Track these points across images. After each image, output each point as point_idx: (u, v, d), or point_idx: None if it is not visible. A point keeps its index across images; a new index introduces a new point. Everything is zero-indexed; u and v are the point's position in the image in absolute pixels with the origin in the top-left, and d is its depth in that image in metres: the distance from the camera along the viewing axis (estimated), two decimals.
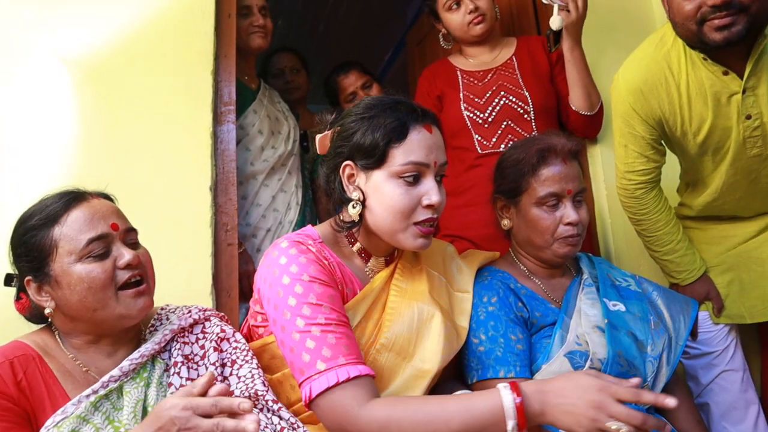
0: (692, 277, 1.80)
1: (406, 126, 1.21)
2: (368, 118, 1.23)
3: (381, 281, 1.30)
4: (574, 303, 1.47)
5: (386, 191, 1.21)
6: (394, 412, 1.04)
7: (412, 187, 1.22)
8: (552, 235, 1.46)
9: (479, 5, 2.03)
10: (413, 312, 1.28)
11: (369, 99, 1.30)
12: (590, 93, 2.01)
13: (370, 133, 1.21)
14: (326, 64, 4.71)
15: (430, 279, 1.36)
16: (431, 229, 1.25)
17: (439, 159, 1.25)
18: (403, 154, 1.20)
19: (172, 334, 1.20)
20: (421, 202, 1.22)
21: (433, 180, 1.24)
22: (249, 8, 2.18)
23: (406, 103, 1.26)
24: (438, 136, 1.27)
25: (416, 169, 1.21)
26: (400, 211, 1.21)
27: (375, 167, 1.22)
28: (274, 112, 2.23)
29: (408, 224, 1.23)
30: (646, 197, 1.76)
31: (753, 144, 1.58)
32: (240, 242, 1.92)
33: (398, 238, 1.25)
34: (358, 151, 1.23)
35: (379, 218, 1.23)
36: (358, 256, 1.33)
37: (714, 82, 1.54)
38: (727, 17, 1.37)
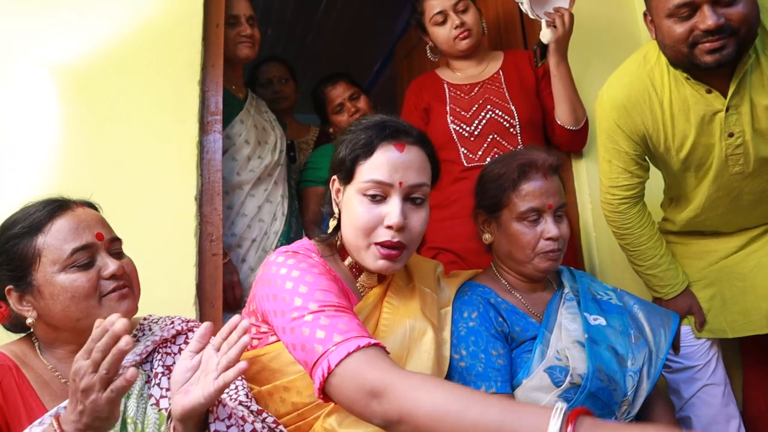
0: (675, 292, 1.81)
1: (373, 143, 1.22)
2: (349, 134, 1.27)
3: (374, 298, 1.31)
4: (554, 318, 1.47)
5: (351, 207, 1.23)
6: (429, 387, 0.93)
7: (376, 205, 1.21)
8: (533, 250, 1.46)
9: (465, 21, 2.05)
10: (405, 329, 1.28)
11: (355, 123, 1.32)
12: (576, 108, 2.03)
13: (344, 148, 1.25)
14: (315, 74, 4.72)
15: (422, 297, 1.37)
16: (394, 252, 1.22)
17: (407, 179, 1.22)
18: (367, 171, 1.21)
19: (154, 345, 1.18)
20: (383, 222, 1.21)
21: (399, 200, 1.21)
22: (237, 18, 2.17)
23: (386, 122, 1.26)
24: (413, 156, 1.24)
25: (378, 187, 1.21)
26: (360, 227, 1.21)
27: (346, 183, 1.25)
28: (261, 122, 2.23)
29: (369, 243, 1.22)
30: (629, 212, 1.77)
31: (735, 161, 1.60)
32: (225, 252, 1.92)
33: (361, 257, 1.25)
34: (337, 167, 1.28)
35: (347, 233, 1.25)
36: (350, 271, 1.33)
37: (697, 100, 1.56)
38: (718, 41, 1.39)
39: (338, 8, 4.58)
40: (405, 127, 1.27)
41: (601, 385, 1.35)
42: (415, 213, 1.24)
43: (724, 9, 1.37)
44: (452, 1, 2.05)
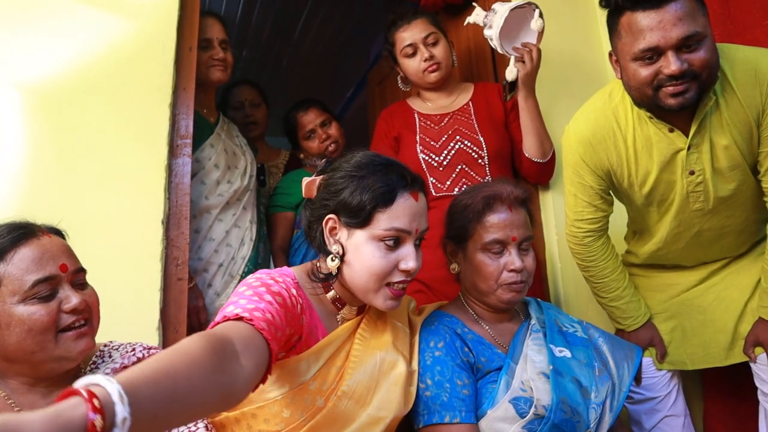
0: (637, 324, 1.84)
1: (395, 192, 1.24)
2: (358, 178, 1.26)
3: (347, 330, 1.32)
4: (521, 349, 1.48)
5: (366, 252, 1.24)
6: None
7: (391, 251, 1.25)
8: (496, 281, 1.48)
9: (435, 54, 2.08)
10: (375, 360, 1.30)
11: (360, 156, 1.31)
12: (543, 141, 2.06)
13: (359, 193, 1.24)
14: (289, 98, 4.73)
15: (394, 330, 1.39)
16: (403, 291, 1.29)
17: (421, 226, 1.29)
18: (387, 219, 1.24)
19: (114, 373, 1.14)
20: (398, 266, 1.26)
21: (413, 245, 1.27)
22: (209, 41, 2.18)
23: (397, 167, 1.29)
24: (423, 203, 1.31)
25: (398, 234, 1.25)
26: (376, 273, 1.24)
27: (358, 227, 1.25)
28: (231, 147, 2.22)
29: (381, 285, 1.26)
30: (594, 245, 1.80)
31: (696, 198, 1.64)
32: (191, 276, 1.90)
33: (370, 297, 1.28)
34: (344, 208, 1.26)
35: (356, 276, 1.26)
36: (332, 304, 1.34)
37: (660, 138, 1.60)
38: (681, 85, 1.43)
39: (313, 33, 4.61)
40: (416, 176, 1.31)
41: (564, 417, 1.36)
42: (419, 255, 1.31)
43: (687, 55, 1.42)
44: (422, 34, 2.09)
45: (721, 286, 1.80)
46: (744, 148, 1.57)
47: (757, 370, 1.70)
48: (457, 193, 1.86)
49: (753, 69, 1.52)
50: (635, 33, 1.45)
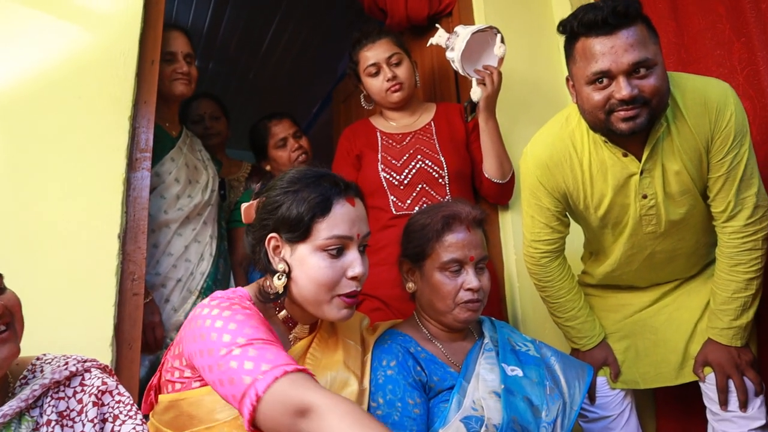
0: (592, 343, 1.86)
1: (330, 200, 1.25)
2: (293, 192, 1.26)
3: (299, 350, 1.32)
4: (473, 367, 1.49)
5: (311, 264, 1.24)
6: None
7: (336, 259, 1.25)
8: (453, 300, 1.49)
9: (398, 74, 2.11)
10: (326, 381, 1.29)
11: (293, 172, 1.32)
12: (503, 162, 2.10)
13: (295, 207, 1.24)
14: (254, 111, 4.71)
15: (345, 349, 1.39)
16: (355, 299, 1.29)
17: (362, 230, 1.30)
18: (327, 228, 1.24)
19: (43, 389, 1.09)
20: (346, 274, 1.26)
21: (357, 251, 1.28)
22: (174, 55, 2.17)
23: (330, 177, 1.30)
24: (361, 208, 1.32)
25: (340, 242, 1.25)
26: (324, 283, 1.24)
27: (300, 241, 1.25)
28: (193, 161, 2.21)
29: (332, 296, 1.26)
30: (550, 265, 1.83)
31: (648, 222, 1.68)
32: (148, 292, 1.87)
33: (323, 310, 1.27)
34: (282, 224, 1.26)
35: (305, 290, 1.26)
36: (284, 324, 1.34)
37: (614, 163, 1.64)
38: (632, 110, 1.47)
39: (281, 48, 4.62)
40: (350, 183, 1.33)
41: None
42: (365, 260, 1.31)
43: (638, 81, 1.46)
44: (386, 54, 2.11)
45: (672, 307, 1.84)
46: (694, 174, 1.61)
47: (706, 390, 1.73)
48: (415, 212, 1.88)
49: (703, 98, 1.57)
50: (589, 58, 1.49)
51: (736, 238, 1.63)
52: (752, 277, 1.64)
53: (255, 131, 2.65)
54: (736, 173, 1.59)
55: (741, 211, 1.61)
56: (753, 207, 1.60)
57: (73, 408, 1.12)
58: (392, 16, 2.44)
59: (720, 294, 1.68)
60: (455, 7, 2.52)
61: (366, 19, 2.60)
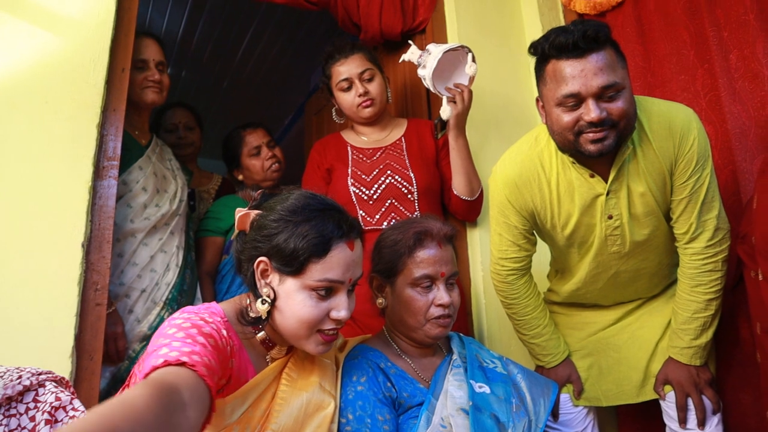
0: (556, 361, 1.88)
1: (330, 243, 1.22)
2: (293, 224, 1.22)
3: (274, 371, 1.29)
4: (442, 384, 1.50)
5: (297, 300, 1.22)
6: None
7: (323, 300, 1.23)
8: (424, 316, 1.50)
9: (369, 90, 2.12)
10: (301, 402, 1.28)
11: (296, 199, 1.27)
12: (471, 180, 2.12)
13: (292, 241, 1.20)
14: (227, 120, 4.70)
15: (322, 369, 1.38)
16: (335, 336, 1.28)
17: (355, 274, 1.28)
18: (321, 270, 1.21)
19: None
20: (330, 315, 1.24)
21: (345, 294, 1.26)
22: (145, 62, 2.15)
23: (333, 214, 1.26)
24: (359, 251, 1.29)
25: (331, 285, 1.23)
26: (306, 322, 1.22)
27: (290, 275, 1.22)
28: (162, 170, 2.18)
29: (312, 332, 1.24)
30: (517, 283, 1.85)
31: (613, 242, 1.71)
32: (111, 302, 1.84)
33: (301, 343, 1.26)
34: (276, 254, 1.22)
35: (286, 323, 1.24)
36: (261, 344, 1.31)
37: (582, 183, 1.66)
38: (600, 132, 1.50)
39: (255, 58, 4.61)
40: (354, 222, 1.29)
41: None
42: (352, 300, 1.30)
43: (606, 104, 1.49)
44: (358, 70, 2.12)
45: (635, 326, 1.87)
46: (658, 196, 1.65)
47: (666, 408, 1.76)
48: (385, 228, 1.88)
49: (667, 122, 1.61)
50: (559, 80, 1.51)
51: (697, 260, 1.67)
52: (712, 297, 1.67)
53: (228, 140, 2.64)
54: (698, 196, 1.63)
55: (702, 233, 1.65)
56: (714, 229, 1.64)
57: (25, 426, 1.08)
58: (366, 31, 2.46)
59: (681, 314, 1.72)
60: (429, 24, 2.55)
61: (340, 33, 2.62)
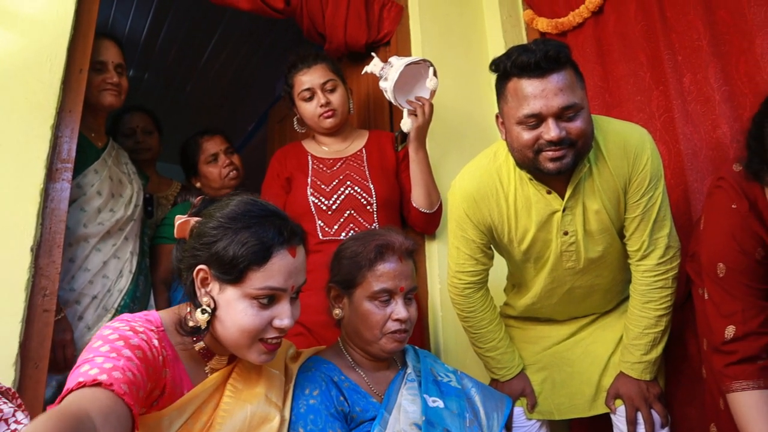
0: (511, 374, 1.89)
1: (270, 250, 1.19)
2: (232, 231, 1.19)
3: (215, 381, 1.26)
4: (395, 398, 1.49)
5: (238, 309, 1.19)
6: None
7: (265, 309, 1.21)
8: (381, 330, 1.49)
9: (331, 100, 2.12)
10: (246, 414, 1.24)
11: (236, 206, 1.24)
12: (431, 193, 2.13)
13: (231, 248, 1.17)
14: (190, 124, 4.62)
15: (268, 379, 1.35)
16: (278, 345, 1.26)
17: (298, 281, 1.26)
18: (261, 278, 1.19)
19: None
20: (272, 323, 1.22)
21: (288, 302, 1.24)
22: (104, 65, 2.11)
23: (274, 220, 1.23)
24: (301, 257, 1.27)
25: (272, 293, 1.20)
26: (248, 331, 1.19)
27: (230, 284, 1.19)
28: (118, 174, 2.14)
29: (254, 342, 1.22)
30: (473, 296, 1.86)
31: (568, 258, 1.74)
32: (60, 308, 1.79)
33: (242, 353, 1.24)
34: (215, 262, 1.19)
35: (227, 332, 1.21)
36: (199, 355, 1.27)
37: (539, 199, 1.69)
38: (559, 151, 1.52)
39: (220, 63, 4.57)
40: (293, 227, 1.26)
41: None
42: (295, 308, 1.27)
43: (565, 123, 1.52)
44: (321, 80, 2.12)
45: (588, 341, 1.90)
46: (612, 214, 1.68)
47: (617, 422, 1.79)
48: (343, 238, 1.87)
49: (623, 142, 1.65)
50: (520, 99, 1.53)
51: (649, 277, 1.71)
52: (662, 314, 1.71)
53: (186, 147, 2.61)
54: (651, 215, 1.66)
55: (654, 251, 1.69)
56: (665, 247, 1.68)
57: None
58: (331, 42, 2.46)
59: (632, 329, 1.75)
60: (393, 37, 2.57)
61: (306, 43, 2.61)
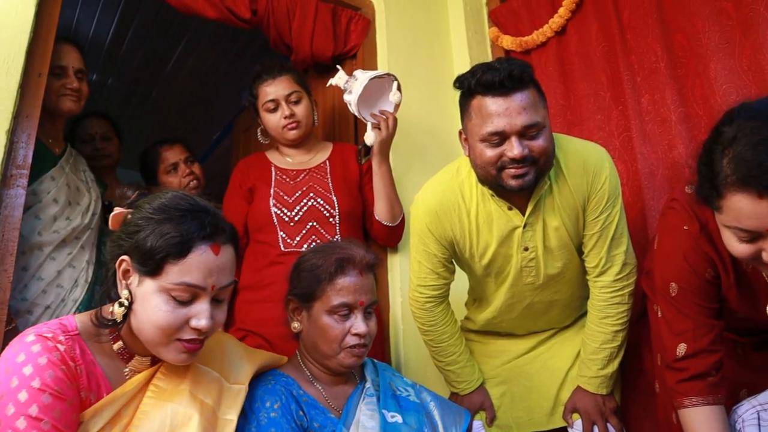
0: (470, 388, 1.90)
1: (189, 243, 1.14)
2: (155, 221, 1.15)
3: (137, 383, 1.20)
4: (354, 413, 1.48)
5: (153, 304, 1.13)
6: None
7: (182, 306, 1.15)
8: (339, 345, 1.48)
9: (296, 112, 2.12)
10: (165, 415, 1.18)
11: (166, 198, 1.21)
12: (393, 206, 2.14)
13: (151, 239, 1.13)
14: (154, 131, 4.57)
15: (195, 377, 1.28)
16: (198, 345, 1.19)
17: (220, 282, 1.19)
18: (178, 272, 1.13)
19: None
20: (189, 323, 1.16)
21: (208, 302, 1.17)
22: (64, 69, 2.07)
23: (200, 215, 1.18)
24: (227, 257, 1.21)
25: (189, 290, 1.15)
26: (161, 327, 1.13)
27: (147, 276, 1.14)
28: (75, 182, 2.09)
29: (171, 340, 1.16)
30: (435, 310, 1.86)
31: (528, 273, 1.76)
32: (11, 318, 1.74)
33: (159, 351, 1.18)
34: (135, 252, 1.15)
35: (142, 328, 1.16)
36: (118, 356, 1.22)
37: (500, 215, 1.71)
38: (522, 168, 1.55)
39: (186, 70, 4.51)
40: (220, 223, 1.21)
41: None
42: (218, 311, 1.22)
43: (528, 141, 1.54)
44: (286, 92, 2.12)
45: (547, 355, 1.92)
46: (571, 230, 1.72)
47: None
48: (304, 250, 1.87)
49: (582, 161, 1.68)
50: (484, 116, 1.56)
51: (606, 293, 1.74)
52: (619, 329, 1.74)
53: (145, 156, 2.58)
54: (608, 232, 1.70)
55: (611, 268, 1.73)
56: (621, 264, 1.72)
57: None
58: (297, 53, 2.46)
59: (589, 344, 1.78)
60: (360, 50, 2.57)
61: (272, 53, 2.60)
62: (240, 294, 2.02)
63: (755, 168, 1.09)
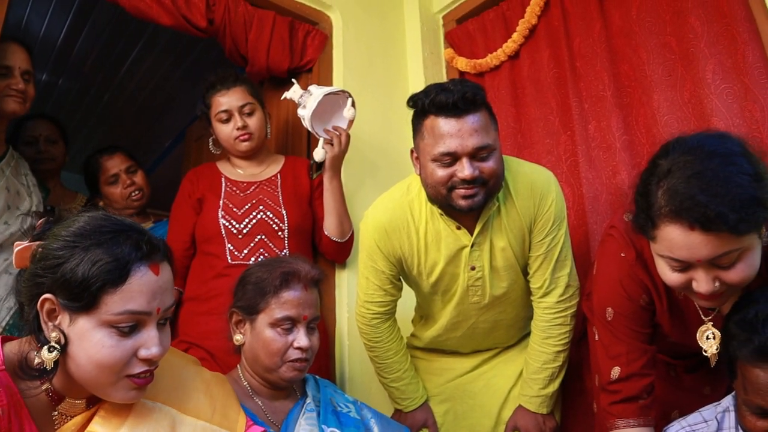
0: (414, 405, 1.91)
1: (127, 267, 1.03)
2: (81, 249, 1.02)
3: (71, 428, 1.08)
4: (293, 428, 1.47)
5: (93, 341, 1.01)
6: None
7: (127, 338, 1.04)
8: (281, 358, 1.48)
9: (248, 123, 2.11)
10: None
11: (85, 222, 1.07)
12: (343, 222, 2.14)
13: (80, 270, 1.00)
14: (105, 135, 4.47)
15: (139, 415, 1.12)
16: (149, 378, 1.09)
17: (164, 303, 1.09)
18: (119, 301, 1.02)
19: None
20: (138, 354, 1.05)
21: (154, 327, 1.07)
22: (10, 70, 2.00)
23: (131, 234, 1.07)
24: (167, 275, 1.11)
25: (134, 318, 1.04)
26: (108, 366, 1.02)
27: (82, 312, 1.02)
28: (15, 185, 2.03)
29: (119, 378, 1.04)
30: (381, 326, 1.87)
31: (474, 292, 1.78)
32: None
33: (106, 392, 1.06)
34: (62, 288, 1.01)
35: (83, 370, 1.03)
36: (46, 397, 1.08)
37: (448, 234, 1.73)
38: (472, 189, 1.58)
39: (140, 76, 4.43)
40: (153, 240, 1.10)
41: None
42: (165, 335, 1.11)
43: (479, 163, 1.57)
44: (239, 103, 2.10)
45: (490, 374, 1.95)
46: (517, 251, 1.75)
47: None
48: (252, 263, 1.85)
49: (530, 183, 1.72)
50: (436, 137, 1.58)
51: (549, 314, 1.78)
52: (560, 350, 1.78)
53: (87, 166, 2.52)
54: (553, 254, 1.74)
55: (555, 289, 1.77)
56: (565, 286, 1.76)
57: None
58: (253, 65, 2.44)
59: (532, 364, 1.81)
60: (316, 65, 2.58)
61: (228, 63, 2.58)
62: (185, 305, 1.99)
63: (687, 201, 1.14)
